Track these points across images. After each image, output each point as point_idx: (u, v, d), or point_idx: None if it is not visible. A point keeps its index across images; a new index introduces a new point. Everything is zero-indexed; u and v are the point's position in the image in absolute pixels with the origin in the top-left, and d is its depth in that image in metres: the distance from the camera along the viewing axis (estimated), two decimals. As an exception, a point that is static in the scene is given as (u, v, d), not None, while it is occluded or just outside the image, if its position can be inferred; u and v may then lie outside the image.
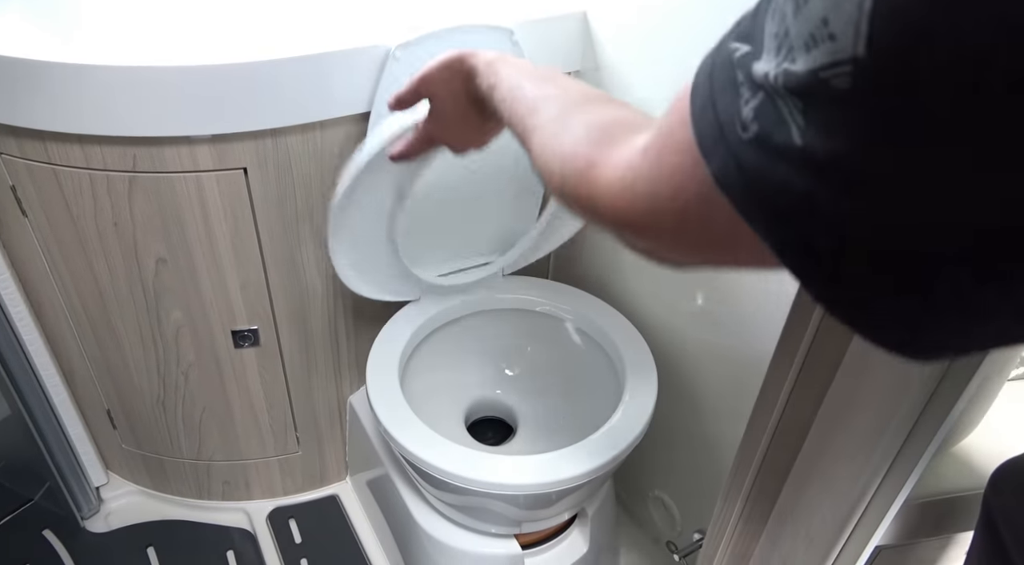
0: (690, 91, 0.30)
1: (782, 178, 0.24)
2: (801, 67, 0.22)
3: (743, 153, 0.25)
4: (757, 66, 0.25)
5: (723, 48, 0.28)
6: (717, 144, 0.27)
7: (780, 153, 0.24)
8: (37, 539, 1.27)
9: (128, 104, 0.85)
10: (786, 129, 0.23)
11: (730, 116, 0.26)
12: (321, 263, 1.07)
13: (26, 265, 1.04)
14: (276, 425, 1.23)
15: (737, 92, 0.26)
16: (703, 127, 0.28)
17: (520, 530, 1.04)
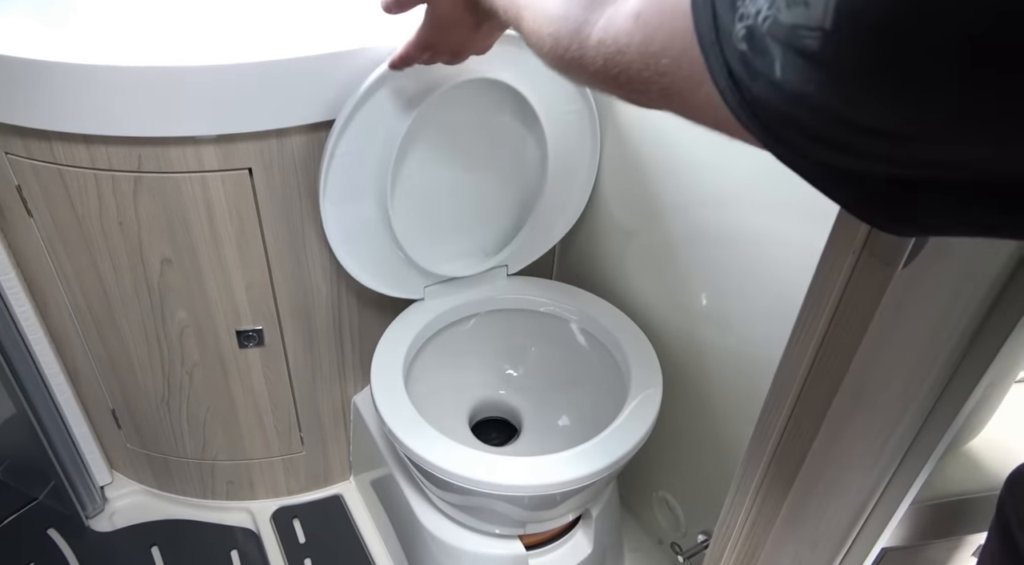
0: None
1: (764, 94, 0.27)
2: (784, 19, 0.25)
3: (733, 59, 0.28)
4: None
5: None
6: (713, 43, 0.29)
7: (761, 75, 0.27)
8: (42, 538, 1.27)
9: (133, 104, 0.85)
10: (770, 59, 0.26)
11: (727, 24, 0.28)
12: (326, 263, 1.07)
13: (31, 264, 1.04)
14: (280, 425, 1.23)
15: (734, 3, 0.28)
16: (702, 23, 0.30)
17: (524, 531, 1.03)
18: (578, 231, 1.24)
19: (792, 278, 0.86)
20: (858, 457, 0.56)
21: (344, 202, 0.96)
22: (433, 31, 0.72)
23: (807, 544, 0.63)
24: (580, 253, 1.27)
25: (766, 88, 0.27)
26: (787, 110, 0.27)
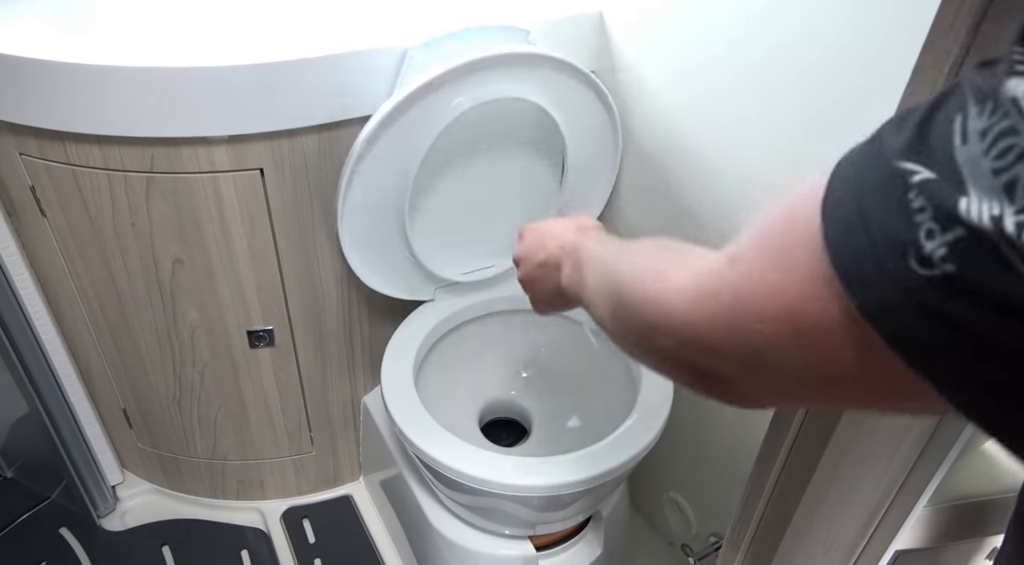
0: (820, 202, 0.26)
1: (983, 326, 0.21)
2: None
3: (917, 290, 0.22)
4: (967, 204, 0.21)
5: (874, 162, 0.24)
6: (876, 276, 0.23)
7: (980, 293, 0.21)
8: (54, 537, 1.28)
9: (146, 105, 0.85)
10: (1005, 268, 0.20)
11: (898, 245, 0.23)
12: (336, 264, 1.07)
13: (44, 265, 1.05)
14: (290, 425, 1.24)
15: (911, 220, 0.22)
16: (849, 252, 0.24)
17: (534, 532, 1.03)
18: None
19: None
20: (872, 459, 0.55)
21: (362, 218, 0.97)
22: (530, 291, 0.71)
23: (820, 547, 0.62)
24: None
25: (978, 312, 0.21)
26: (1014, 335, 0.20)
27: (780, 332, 0.28)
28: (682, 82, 0.95)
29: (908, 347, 0.24)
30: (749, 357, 0.29)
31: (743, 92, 0.86)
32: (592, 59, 1.07)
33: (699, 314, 0.31)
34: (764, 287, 0.28)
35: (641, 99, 1.03)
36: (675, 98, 0.97)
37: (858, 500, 0.60)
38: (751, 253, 0.30)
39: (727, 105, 0.89)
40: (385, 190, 0.96)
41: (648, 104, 1.02)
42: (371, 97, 0.93)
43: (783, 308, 0.27)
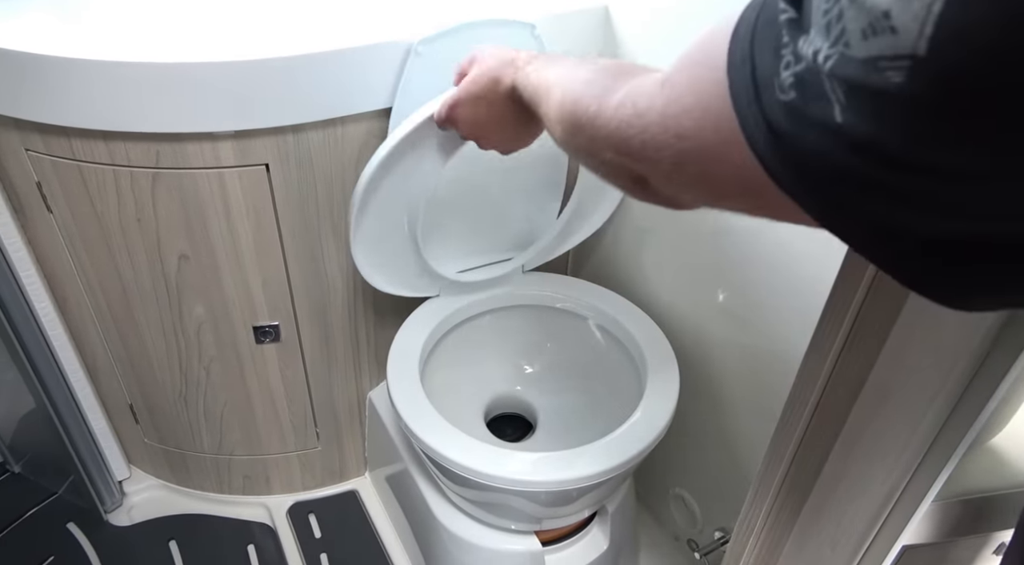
0: (730, 38, 0.30)
1: (814, 146, 0.25)
2: (857, 53, 0.23)
3: (776, 114, 0.27)
4: (804, 41, 0.25)
5: (768, 5, 0.28)
6: (752, 102, 0.28)
7: (815, 124, 0.25)
8: (61, 532, 1.28)
9: (151, 100, 0.85)
10: (827, 104, 0.24)
11: (768, 77, 0.27)
12: (342, 260, 1.07)
13: (51, 261, 1.05)
14: (296, 420, 1.24)
15: (778, 54, 0.26)
16: (738, 80, 0.29)
17: (540, 527, 1.03)
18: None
19: (813, 274, 0.85)
20: (880, 454, 0.55)
21: (373, 229, 0.97)
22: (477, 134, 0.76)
23: (827, 542, 0.62)
24: (596, 249, 1.27)
25: (819, 139, 0.25)
26: (842, 161, 0.25)
27: (689, 148, 0.33)
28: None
29: (769, 160, 0.28)
30: (669, 166, 0.35)
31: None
32: (596, 53, 1.07)
33: (632, 129, 0.37)
34: (682, 107, 0.33)
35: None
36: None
37: (866, 495, 0.60)
38: (676, 77, 0.35)
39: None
40: (398, 207, 0.96)
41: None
42: (375, 92, 0.93)
43: (694, 125, 0.32)
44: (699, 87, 0.32)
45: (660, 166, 0.36)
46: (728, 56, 0.30)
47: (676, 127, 0.33)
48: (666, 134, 0.34)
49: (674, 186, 0.36)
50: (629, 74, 0.42)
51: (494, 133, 0.76)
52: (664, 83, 0.35)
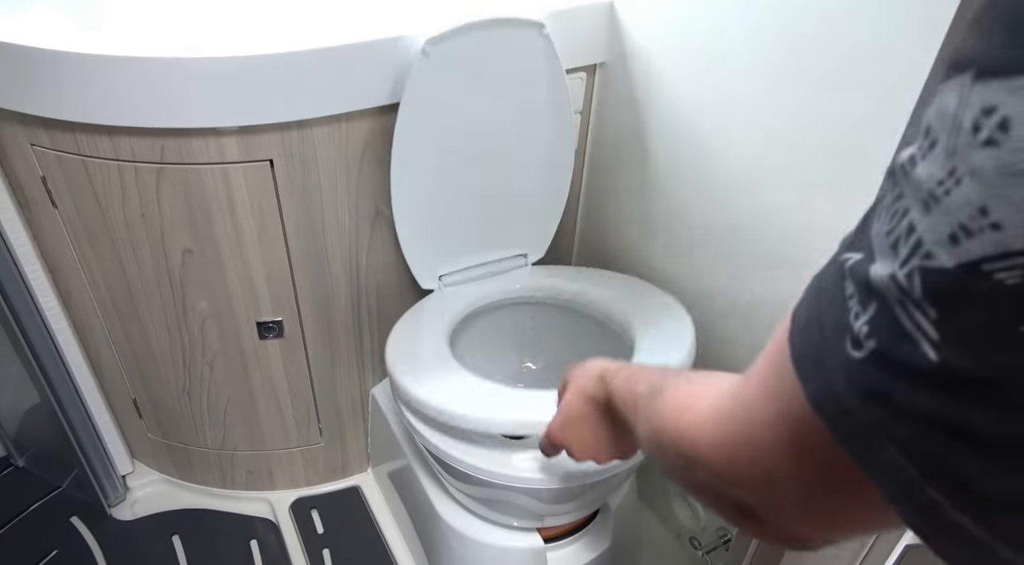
0: (792, 312, 0.28)
1: (902, 402, 0.21)
2: (947, 262, 0.20)
3: (853, 374, 0.23)
4: (874, 270, 0.22)
5: (833, 262, 0.26)
6: (819, 364, 0.24)
7: (904, 371, 0.21)
8: (65, 526, 1.29)
9: (156, 95, 0.85)
10: (912, 344, 0.21)
11: (838, 332, 0.23)
12: (345, 255, 1.07)
13: (55, 256, 1.05)
14: (299, 416, 1.24)
15: (845, 305, 0.23)
16: (804, 345, 0.26)
17: (542, 524, 1.03)
18: (597, 219, 1.23)
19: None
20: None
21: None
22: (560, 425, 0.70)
23: (831, 540, 0.62)
24: (601, 238, 1.27)
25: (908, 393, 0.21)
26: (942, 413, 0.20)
27: (778, 437, 0.28)
28: (695, 74, 0.94)
29: (852, 441, 0.24)
30: (766, 477, 0.30)
31: (759, 79, 0.85)
32: (603, 50, 1.07)
33: (721, 437, 0.33)
34: (765, 392, 0.30)
35: (653, 91, 1.02)
36: (687, 89, 0.96)
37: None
38: (760, 367, 0.31)
39: (742, 92, 0.88)
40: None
41: (662, 94, 1.01)
42: (381, 88, 0.93)
43: (777, 411, 0.28)
44: (777, 368, 0.28)
45: (756, 477, 0.31)
46: (791, 324, 0.27)
47: (762, 419, 0.29)
48: (752, 425, 0.30)
49: (779, 506, 0.31)
50: (712, 380, 0.38)
51: (602, 445, 0.68)
52: (747, 377, 0.32)
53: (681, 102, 0.98)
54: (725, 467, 0.32)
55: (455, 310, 1.11)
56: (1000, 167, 0.18)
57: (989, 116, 0.19)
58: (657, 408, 0.41)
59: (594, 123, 1.16)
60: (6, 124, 0.91)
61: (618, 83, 1.08)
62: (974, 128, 0.19)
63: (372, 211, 1.05)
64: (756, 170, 0.89)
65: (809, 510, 0.30)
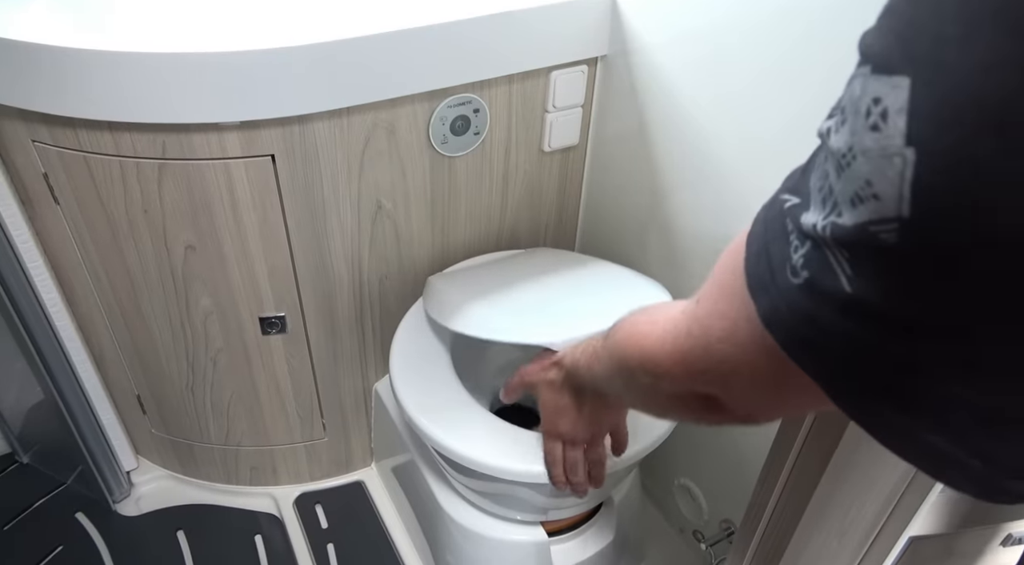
0: (745, 240, 0.32)
1: (828, 321, 0.26)
2: (848, 221, 0.24)
3: (792, 297, 0.27)
4: (805, 217, 0.27)
5: (776, 200, 0.30)
6: (768, 287, 0.29)
7: (828, 298, 0.26)
8: (70, 521, 1.29)
9: (157, 91, 0.85)
10: (834, 277, 0.25)
11: (781, 262, 0.28)
12: (347, 250, 1.07)
13: (58, 252, 1.05)
14: (303, 411, 1.24)
15: (787, 240, 0.28)
16: (756, 272, 0.30)
17: (546, 518, 1.04)
18: (599, 213, 1.23)
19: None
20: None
21: None
22: (545, 422, 0.77)
23: (835, 533, 0.62)
24: (603, 227, 1.26)
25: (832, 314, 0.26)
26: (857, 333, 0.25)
27: (731, 351, 0.34)
28: (697, 67, 0.94)
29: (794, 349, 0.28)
30: (723, 377, 0.36)
31: (766, 75, 0.85)
32: (603, 43, 1.07)
33: (680, 352, 0.39)
34: (717, 314, 0.35)
35: (654, 84, 1.02)
36: (689, 83, 0.96)
37: (873, 486, 0.60)
38: (709, 289, 0.36)
39: (746, 86, 0.88)
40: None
41: (664, 87, 1.01)
42: (381, 83, 0.92)
43: (729, 327, 0.34)
44: (726, 291, 0.34)
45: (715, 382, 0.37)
46: (746, 252, 0.32)
47: (715, 335, 0.35)
48: (708, 339, 0.35)
49: (738, 397, 0.37)
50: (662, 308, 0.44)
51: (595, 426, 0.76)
52: (698, 300, 0.38)
53: (683, 96, 0.97)
54: (686, 375, 0.39)
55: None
56: (880, 149, 0.23)
57: (876, 105, 0.23)
58: (619, 341, 0.48)
59: (595, 117, 1.15)
60: (7, 120, 0.91)
61: (620, 76, 1.07)
62: (867, 113, 0.23)
63: (374, 205, 1.05)
64: (759, 165, 0.89)
65: (760, 401, 0.36)
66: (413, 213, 1.09)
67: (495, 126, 1.06)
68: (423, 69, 0.94)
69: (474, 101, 1.01)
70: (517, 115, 1.07)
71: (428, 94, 0.98)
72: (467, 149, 1.06)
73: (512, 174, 1.14)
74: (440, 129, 1.01)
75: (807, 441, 0.53)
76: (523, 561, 1.05)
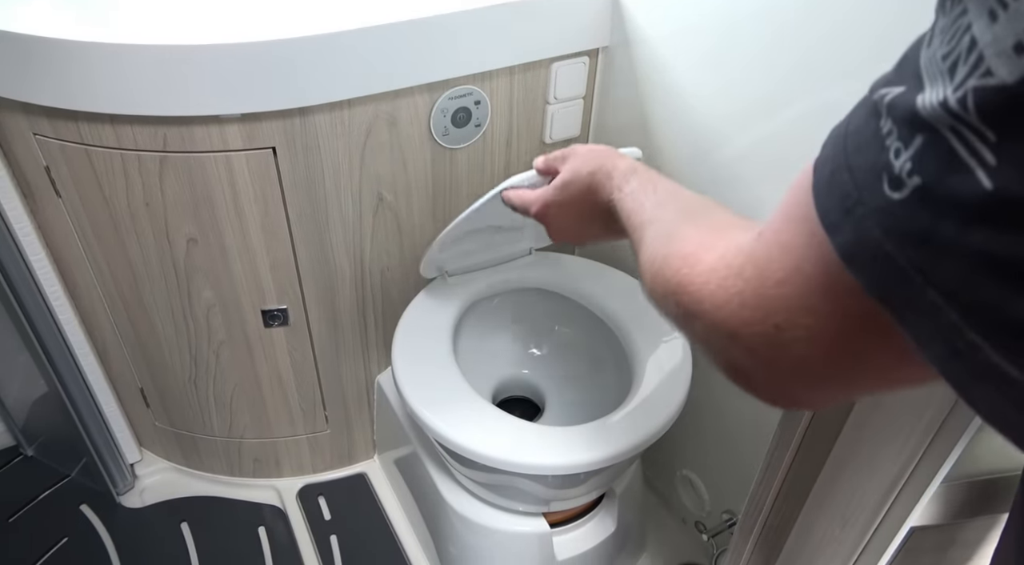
0: (813, 165, 0.27)
1: (950, 239, 0.20)
2: (1008, 75, 0.18)
3: (892, 218, 0.21)
4: (922, 98, 0.21)
5: (861, 106, 0.24)
6: (850, 213, 0.23)
7: (953, 205, 0.20)
8: (75, 514, 1.30)
9: (158, 83, 0.85)
10: (966, 172, 0.19)
11: (873, 175, 0.22)
12: (349, 243, 1.07)
13: (60, 245, 1.05)
14: (305, 404, 1.25)
15: (882, 146, 0.22)
16: (830, 199, 0.24)
17: (548, 509, 1.04)
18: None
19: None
20: (890, 435, 0.55)
21: None
22: (556, 214, 0.69)
23: (836, 522, 0.62)
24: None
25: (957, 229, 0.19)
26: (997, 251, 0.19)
27: (792, 293, 0.27)
28: (701, 59, 0.94)
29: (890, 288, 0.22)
30: (771, 336, 0.29)
31: (766, 66, 0.85)
32: (605, 34, 1.06)
33: (726, 294, 0.31)
34: (779, 247, 0.28)
35: (657, 77, 1.01)
36: (692, 75, 0.96)
37: (875, 477, 0.60)
38: (774, 219, 0.30)
39: (748, 78, 0.87)
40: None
41: (665, 79, 1.00)
42: (382, 74, 0.92)
43: (793, 263, 0.27)
44: (793, 219, 0.27)
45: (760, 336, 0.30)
46: (814, 180, 0.26)
47: (774, 275, 0.28)
48: (765, 286, 0.29)
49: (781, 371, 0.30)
50: (725, 231, 0.36)
51: (586, 236, 0.70)
52: (759, 234, 0.31)
53: (685, 88, 0.97)
54: (726, 324, 0.31)
55: (460, 303, 1.11)
56: None
57: None
58: (661, 254, 0.40)
59: (596, 108, 1.15)
60: (9, 113, 0.91)
61: (621, 68, 1.07)
62: None
63: (375, 198, 1.05)
64: (761, 156, 0.89)
65: (814, 370, 0.29)
66: (415, 205, 1.09)
67: (496, 118, 1.06)
68: (424, 61, 0.94)
69: (475, 93, 1.01)
70: (518, 107, 1.07)
71: (429, 86, 0.97)
72: (468, 141, 1.06)
73: (513, 166, 1.13)
74: (441, 121, 1.01)
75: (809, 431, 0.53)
76: (525, 552, 1.06)
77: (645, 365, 1.00)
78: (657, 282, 0.39)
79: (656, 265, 0.40)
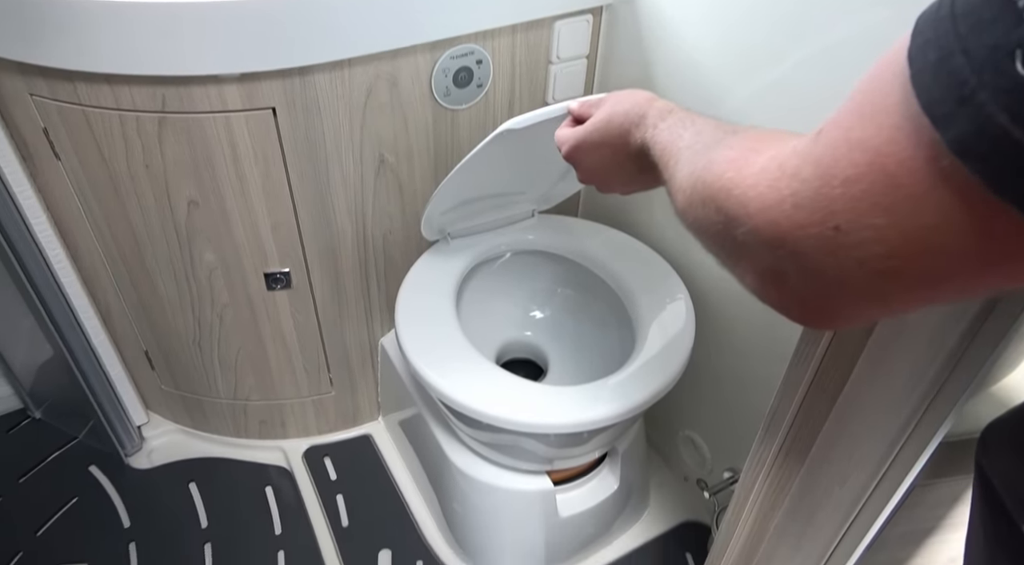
0: (908, 55, 0.24)
1: None
2: None
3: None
4: None
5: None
6: (967, 101, 0.21)
7: None
8: (84, 474, 1.32)
9: (155, 41, 0.83)
10: None
11: (1001, 53, 0.20)
12: (351, 203, 1.07)
13: (61, 208, 1.05)
14: (309, 366, 1.25)
15: (1017, 16, 0.19)
16: (939, 86, 0.22)
17: (551, 467, 1.05)
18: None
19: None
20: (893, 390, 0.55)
21: None
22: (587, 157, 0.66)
23: (837, 479, 0.63)
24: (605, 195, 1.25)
25: None
26: None
27: (863, 191, 0.25)
28: (705, 13, 0.92)
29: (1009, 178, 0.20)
30: (827, 239, 0.27)
31: (771, 25, 0.83)
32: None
33: (778, 195, 0.29)
34: (848, 144, 0.26)
35: (661, 32, 1.00)
36: (706, 37, 0.94)
37: (876, 434, 0.60)
38: (838, 119, 0.27)
39: (753, 37, 0.86)
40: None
41: (669, 38, 0.99)
42: (383, 33, 0.91)
43: (869, 159, 0.25)
44: (870, 114, 0.25)
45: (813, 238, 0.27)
46: (913, 69, 0.23)
47: (842, 173, 0.26)
48: (828, 186, 0.26)
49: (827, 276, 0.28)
50: (774, 140, 0.34)
51: (614, 182, 0.67)
52: (819, 134, 0.28)
53: (690, 44, 0.95)
54: (774, 227, 0.29)
55: (462, 265, 1.11)
56: None
57: None
58: (702, 163, 0.37)
59: (600, 68, 1.13)
60: (5, 74, 0.90)
61: (625, 25, 1.05)
62: None
63: (376, 159, 1.04)
64: (767, 114, 0.88)
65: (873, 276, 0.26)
66: (416, 167, 1.08)
67: (498, 78, 1.05)
68: (425, 19, 0.92)
69: (477, 52, 1.00)
70: (520, 66, 1.06)
71: (430, 45, 0.96)
72: (470, 102, 1.05)
73: (516, 126, 1.12)
74: (443, 81, 1.00)
75: (811, 389, 0.53)
76: (529, 509, 1.07)
77: (648, 327, 1.00)
78: (697, 189, 0.36)
79: (696, 173, 0.37)
